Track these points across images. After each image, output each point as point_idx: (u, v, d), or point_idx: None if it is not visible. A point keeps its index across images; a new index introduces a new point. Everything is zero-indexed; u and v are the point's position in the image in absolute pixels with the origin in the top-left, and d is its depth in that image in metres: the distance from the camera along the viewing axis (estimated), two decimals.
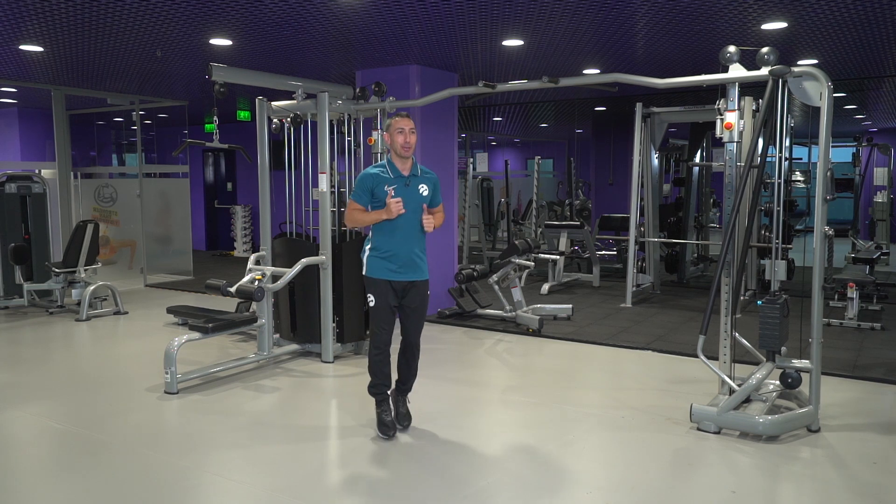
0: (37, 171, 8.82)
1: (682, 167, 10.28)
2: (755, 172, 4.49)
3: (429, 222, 3.90)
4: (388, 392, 4.10)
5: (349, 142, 5.92)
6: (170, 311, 7.21)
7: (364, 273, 3.95)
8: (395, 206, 3.78)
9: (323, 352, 5.69)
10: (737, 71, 4.19)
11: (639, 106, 8.25)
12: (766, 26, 5.70)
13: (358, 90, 5.87)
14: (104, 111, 11.13)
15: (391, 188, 3.85)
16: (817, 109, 3.95)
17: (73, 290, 7.63)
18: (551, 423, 4.33)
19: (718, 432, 4.06)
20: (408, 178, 3.90)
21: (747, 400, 4.21)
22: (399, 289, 3.90)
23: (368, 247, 3.95)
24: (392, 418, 4.07)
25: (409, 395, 4.22)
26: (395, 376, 4.13)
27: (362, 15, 5.35)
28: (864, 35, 5.99)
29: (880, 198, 12.09)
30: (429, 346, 4.09)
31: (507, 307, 7.15)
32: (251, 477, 3.54)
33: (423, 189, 3.93)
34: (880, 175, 13.62)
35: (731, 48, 4.18)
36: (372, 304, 3.91)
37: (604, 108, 12.11)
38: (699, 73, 4.38)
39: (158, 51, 6.68)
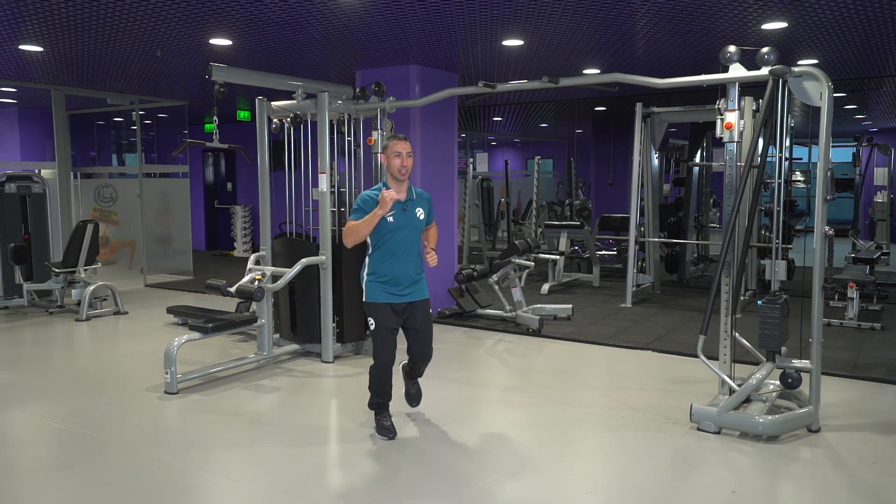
0: (37, 171, 8.82)
1: (682, 167, 10.29)
2: (755, 172, 4.48)
3: (433, 259, 3.93)
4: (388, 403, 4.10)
5: (349, 142, 5.92)
6: (170, 311, 7.21)
7: (364, 299, 3.95)
8: (388, 195, 3.72)
9: (323, 352, 5.69)
10: (737, 71, 4.19)
11: (639, 106, 8.25)
12: (766, 26, 5.70)
13: (358, 90, 5.87)
14: (104, 111, 11.13)
15: (390, 214, 3.83)
16: (817, 109, 3.95)
17: (73, 290, 7.63)
18: (551, 423, 4.33)
19: (718, 432, 4.06)
20: (405, 203, 3.90)
21: (747, 400, 4.21)
22: (399, 310, 3.90)
23: (366, 272, 3.94)
24: (392, 423, 4.06)
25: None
26: (399, 375, 4.12)
27: (362, 15, 5.35)
28: (864, 35, 5.99)
29: (880, 198, 12.08)
30: None
31: (507, 307, 7.15)
32: (251, 477, 3.54)
33: (420, 213, 3.95)
34: (880, 175, 13.62)
35: (731, 48, 4.18)
36: (372, 327, 3.91)
37: (604, 108, 12.11)
38: (699, 73, 4.38)
39: (158, 51, 6.68)
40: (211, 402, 4.73)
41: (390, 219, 3.84)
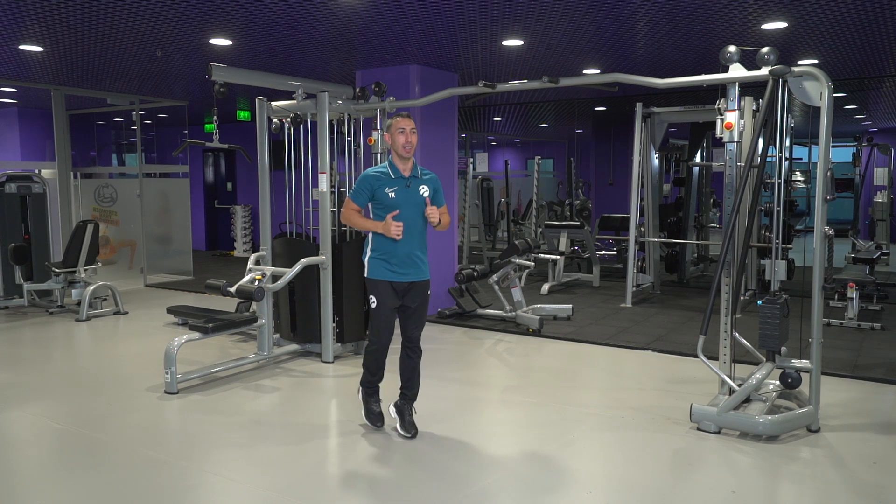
0: (37, 171, 8.82)
1: (682, 167, 10.29)
2: (755, 172, 4.49)
3: (433, 212, 3.85)
4: (379, 385, 4.14)
5: (349, 142, 5.92)
6: (170, 311, 7.21)
7: (366, 275, 3.95)
8: (395, 230, 3.76)
9: (323, 352, 5.69)
10: (737, 71, 4.19)
11: (639, 106, 8.25)
12: (766, 26, 5.70)
13: (358, 90, 5.87)
14: (104, 111, 11.12)
15: (391, 190, 3.84)
16: (817, 109, 3.95)
17: (73, 290, 7.63)
18: (551, 423, 4.33)
19: (718, 432, 4.06)
20: (408, 180, 3.90)
21: (747, 400, 4.21)
22: (400, 290, 3.90)
23: (369, 248, 3.95)
24: (381, 410, 4.13)
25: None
26: (397, 382, 4.12)
27: (362, 15, 5.35)
28: (864, 35, 5.99)
29: (880, 198, 12.09)
30: (429, 346, 4.09)
31: (507, 307, 7.15)
32: (251, 477, 3.54)
33: (424, 190, 3.92)
34: (880, 175, 13.62)
35: (731, 48, 4.18)
36: (374, 305, 3.92)
37: (604, 108, 12.11)
38: (699, 73, 4.38)
39: (158, 51, 6.68)
40: (211, 402, 4.73)
41: (391, 195, 3.84)
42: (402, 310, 3.97)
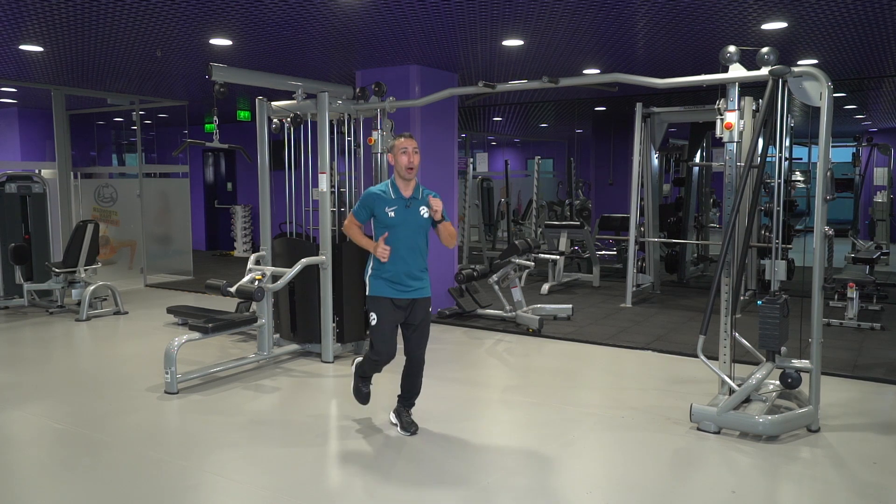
0: (37, 171, 8.82)
1: (682, 167, 10.29)
2: (755, 172, 4.49)
3: (437, 203, 3.85)
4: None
5: (349, 142, 5.92)
6: (170, 311, 7.21)
7: (367, 293, 3.95)
8: (381, 252, 3.80)
9: (323, 352, 5.69)
10: (737, 71, 4.19)
11: (639, 106, 8.25)
12: (766, 26, 5.70)
13: (358, 90, 5.87)
14: (104, 111, 11.13)
15: (391, 210, 3.85)
16: (817, 109, 3.95)
17: (73, 290, 7.63)
18: (551, 423, 4.34)
19: (718, 432, 4.06)
20: (408, 200, 3.89)
21: (747, 400, 4.21)
22: (402, 306, 3.89)
23: (370, 266, 3.95)
24: (370, 391, 4.19)
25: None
26: (397, 389, 4.13)
27: (362, 15, 5.35)
28: (864, 35, 5.99)
29: (880, 198, 12.09)
30: (429, 346, 4.09)
31: (507, 307, 7.15)
32: (251, 477, 3.54)
33: (424, 211, 3.90)
34: (880, 175, 13.64)
35: (731, 48, 4.18)
36: (374, 322, 3.91)
37: (604, 108, 12.11)
38: (699, 73, 4.38)
39: (158, 51, 6.68)
40: (211, 402, 4.73)
41: (391, 214, 3.85)
42: (405, 327, 3.96)
